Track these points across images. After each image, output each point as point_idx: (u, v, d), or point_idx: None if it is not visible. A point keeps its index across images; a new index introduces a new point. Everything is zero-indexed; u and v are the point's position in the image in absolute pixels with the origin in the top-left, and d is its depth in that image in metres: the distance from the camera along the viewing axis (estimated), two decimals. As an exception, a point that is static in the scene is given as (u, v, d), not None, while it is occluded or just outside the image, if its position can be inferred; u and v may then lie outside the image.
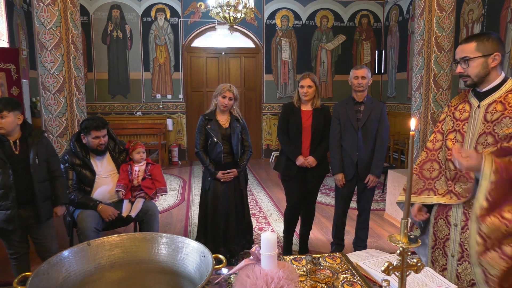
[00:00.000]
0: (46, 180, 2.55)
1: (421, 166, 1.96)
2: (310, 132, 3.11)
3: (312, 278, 1.44)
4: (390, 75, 8.06)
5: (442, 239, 1.90)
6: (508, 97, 1.67)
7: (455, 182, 1.82)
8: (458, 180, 1.80)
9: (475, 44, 1.69)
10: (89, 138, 2.85)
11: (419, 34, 3.94)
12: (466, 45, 1.72)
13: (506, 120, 1.64)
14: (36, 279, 1.03)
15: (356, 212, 3.37)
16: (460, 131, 1.80)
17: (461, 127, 1.81)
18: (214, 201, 3.14)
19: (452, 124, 1.86)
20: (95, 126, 2.81)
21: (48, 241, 2.61)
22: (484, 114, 1.72)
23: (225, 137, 3.11)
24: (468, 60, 1.70)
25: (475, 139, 1.74)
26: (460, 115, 1.82)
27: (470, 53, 1.70)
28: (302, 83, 3.06)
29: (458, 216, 1.81)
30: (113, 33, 7.49)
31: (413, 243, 1.09)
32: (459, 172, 1.78)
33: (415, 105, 4.04)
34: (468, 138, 1.77)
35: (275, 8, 7.88)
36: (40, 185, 2.48)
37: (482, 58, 1.68)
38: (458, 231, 1.81)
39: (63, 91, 3.46)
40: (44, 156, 2.53)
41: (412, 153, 1.06)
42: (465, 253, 1.79)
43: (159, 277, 1.28)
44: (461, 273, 1.82)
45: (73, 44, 3.49)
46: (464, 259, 1.80)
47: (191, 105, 7.99)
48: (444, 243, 1.89)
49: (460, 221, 1.80)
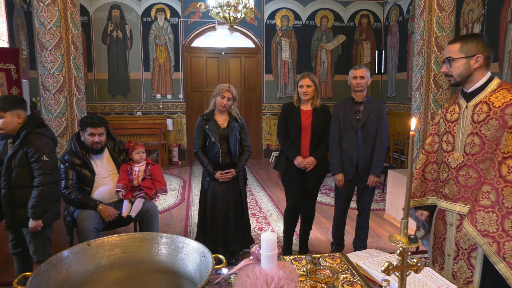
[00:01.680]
0: (23, 186, 2.41)
1: (422, 169, 1.98)
2: (310, 132, 3.11)
3: (312, 278, 1.44)
4: (390, 75, 8.06)
5: (440, 238, 1.93)
6: (492, 98, 1.71)
7: (444, 184, 1.86)
8: (447, 183, 1.84)
9: (459, 45, 1.74)
10: (86, 135, 2.85)
11: (419, 34, 3.94)
12: (451, 46, 1.78)
13: (493, 121, 1.68)
14: (36, 279, 1.03)
15: (356, 212, 3.36)
16: (451, 132, 1.84)
17: (452, 129, 1.84)
18: (213, 201, 3.14)
19: (444, 126, 1.89)
20: (90, 123, 2.82)
21: (32, 247, 2.52)
22: (471, 114, 1.76)
23: (223, 137, 3.11)
24: (451, 61, 1.76)
25: (464, 139, 1.77)
26: (451, 116, 1.86)
27: (453, 54, 1.76)
28: (302, 83, 3.07)
29: (453, 215, 1.84)
30: (113, 33, 7.49)
31: (413, 243, 1.09)
32: (450, 174, 1.82)
33: (415, 105, 4.04)
34: (458, 138, 1.80)
35: (275, 8, 7.88)
36: (14, 191, 2.38)
37: (464, 59, 1.73)
38: (454, 230, 1.84)
39: (63, 91, 3.46)
40: (23, 161, 2.39)
41: (412, 153, 1.06)
42: (460, 252, 1.81)
43: (159, 277, 1.28)
44: (456, 272, 1.84)
45: (73, 44, 3.49)
46: (459, 257, 1.82)
47: (191, 105, 7.99)
48: (441, 242, 1.92)
49: (455, 220, 1.83)
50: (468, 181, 1.75)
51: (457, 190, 1.79)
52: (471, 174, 1.74)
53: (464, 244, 1.79)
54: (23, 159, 2.39)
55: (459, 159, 1.78)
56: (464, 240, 1.78)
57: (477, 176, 1.72)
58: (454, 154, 1.81)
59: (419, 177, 1.97)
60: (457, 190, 1.79)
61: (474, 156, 1.73)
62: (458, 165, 1.78)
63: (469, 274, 1.78)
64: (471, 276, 1.77)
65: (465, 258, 1.80)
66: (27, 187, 2.41)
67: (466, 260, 1.79)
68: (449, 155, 1.83)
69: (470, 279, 1.78)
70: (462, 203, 1.78)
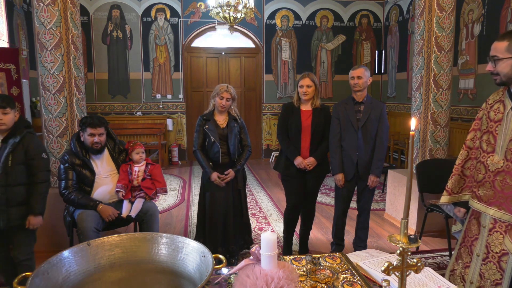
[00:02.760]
0: (20, 184, 2.43)
1: (462, 165, 1.91)
2: (310, 132, 3.11)
3: (312, 278, 1.44)
4: (390, 75, 8.06)
5: (471, 237, 1.88)
6: None
7: (479, 185, 1.79)
8: (483, 185, 1.77)
9: (507, 44, 1.63)
10: (85, 135, 2.86)
11: (419, 34, 3.94)
12: (498, 44, 1.67)
13: None
14: (36, 279, 1.03)
15: (356, 212, 3.36)
16: (493, 133, 1.75)
17: (494, 129, 1.75)
18: (212, 201, 3.14)
19: (487, 124, 1.80)
20: (90, 123, 2.83)
21: (19, 248, 2.50)
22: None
23: (223, 137, 3.11)
24: (496, 60, 1.66)
25: (506, 143, 1.68)
26: (495, 115, 1.76)
27: (499, 53, 1.65)
28: (302, 83, 3.07)
29: (486, 218, 1.78)
30: (113, 33, 7.49)
31: (413, 243, 1.09)
32: (486, 177, 1.75)
33: (415, 105, 4.04)
34: (500, 141, 1.71)
35: (275, 8, 7.88)
36: (11, 189, 2.39)
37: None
38: (486, 232, 1.79)
39: (63, 91, 3.46)
40: (21, 158, 2.41)
41: (412, 153, 1.06)
42: (490, 254, 1.77)
43: (159, 277, 1.28)
44: (484, 273, 1.81)
45: (73, 44, 3.48)
46: (489, 259, 1.78)
47: (191, 105, 7.99)
48: (472, 241, 1.88)
49: (488, 223, 1.78)
50: (504, 187, 1.68)
51: (492, 194, 1.72)
52: (508, 181, 1.66)
53: (496, 247, 1.75)
54: (22, 157, 2.42)
55: (498, 163, 1.70)
56: (496, 244, 1.74)
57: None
58: (494, 156, 1.73)
59: (458, 173, 1.92)
60: (492, 194, 1.72)
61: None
62: (496, 170, 1.71)
63: (498, 276, 1.75)
64: (500, 279, 1.74)
65: (495, 261, 1.76)
66: (23, 184, 2.45)
67: (496, 263, 1.75)
68: (488, 157, 1.75)
69: (499, 281, 1.75)
70: (497, 207, 1.71)
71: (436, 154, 3.95)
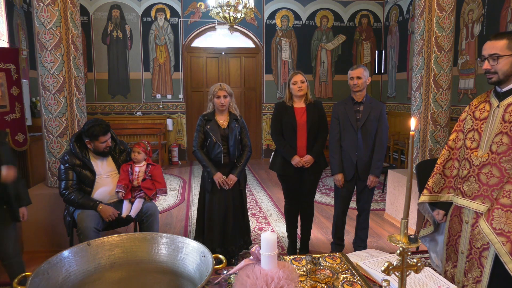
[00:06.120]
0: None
1: (443, 165, 1.97)
2: (306, 130, 3.11)
3: (312, 278, 1.44)
4: (390, 75, 8.06)
5: (455, 236, 1.92)
6: None
7: (464, 180, 1.84)
8: (467, 180, 1.83)
9: (506, 42, 1.69)
10: (97, 144, 2.85)
11: (419, 34, 3.94)
12: (496, 42, 1.72)
13: None
14: (36, 279, 1.03)
15: (356, 212, 3.36)
16: (478, 130, 1.82)
17: (479, 126, 1.82)
18: (212, 201, 3.13)
19: (472, 123, 1.87)
20: (103, 132, 2.82)
21: (11, 244, 2.47)
22: (502, 114, 1.74)
23: (224, 138, 3.11)
24: (498, 58, 1.71)
25: (491, 138, 1.76)
26: (480, 114, 1.84)
27: (500, 51, 1.70)
28: (295, 79, 3.09)
29: (469, 213, 1.83)
30: (113, 33, 7.49)
31: (413, 243, 1.09)
32: (471, 172, 1.81)
33: (415, 105, 4.04)
34: (485, 137, 1.79)
35: (275, 8, 7.88)
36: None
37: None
38: (469, 228, 1.83)
39: (63, 91, 3.46)
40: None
41: (412, 153, 1.06)
42: (473, 250, 1.81)
43: (159, 277, 1.28)
44: (468, 270, 1.83)
45: (73, 44, 3.48)
46: (471, 256, 1.82)
47: (191, 105, 7.99)
48: (456, 240, 1.91)
49: (471, 218, 1.82)
50: (489, 179, 1.73)
51: (477, 188, 1.78)
52: (494, 173, 1.72)
53: (477, 242, 1.78)
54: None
55: (483, 157, 1.76)
56: (478, 238, 1.78)
57: (500, 175, 1.71)
58: (478, 151, 1.80)
59: (439, 172, 1.97)
60: (476, 188, 1.78)
61: (500, 155, 1.71)
62: (481, 163, 1.77)
63: (478, 273, 1.77)
64: (480, 276, 1.76)
65: (476, 257, 1.79)
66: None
67: (477, 259, 1.79)
68: (472, 152, 1.82)
69: (479, 278, 1.77)
70: (480, 201, 1.77)
71: (436, 154, 3.95)
